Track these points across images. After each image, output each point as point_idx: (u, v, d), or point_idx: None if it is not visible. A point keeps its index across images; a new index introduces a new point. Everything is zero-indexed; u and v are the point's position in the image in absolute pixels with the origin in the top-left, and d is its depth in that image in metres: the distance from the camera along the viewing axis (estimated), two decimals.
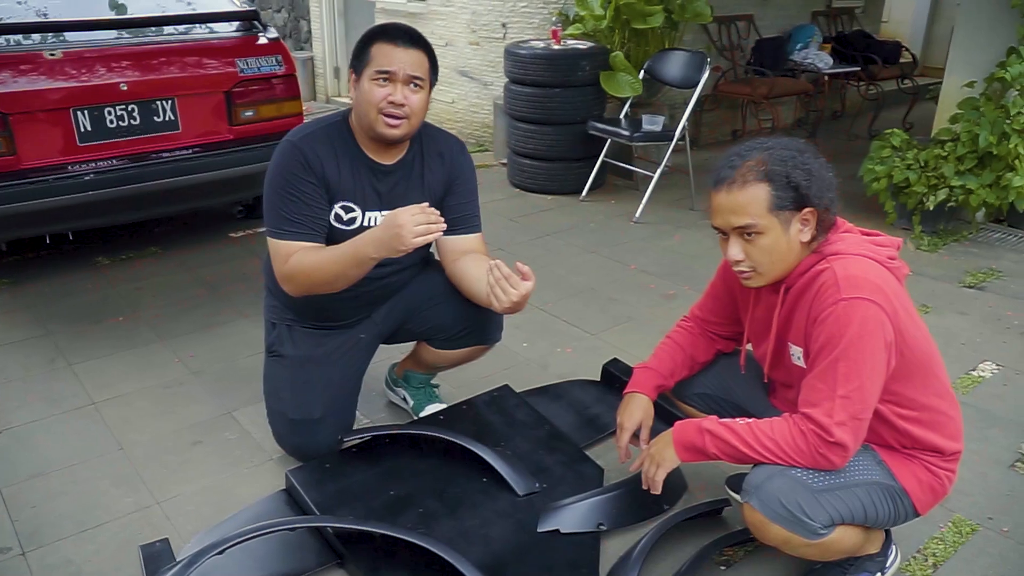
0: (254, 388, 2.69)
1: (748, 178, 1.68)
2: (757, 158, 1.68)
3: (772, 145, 1.70)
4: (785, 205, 1.67)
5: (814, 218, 1.69)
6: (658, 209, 4.69)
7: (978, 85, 4.14)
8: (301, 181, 2.10)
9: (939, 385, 1.78)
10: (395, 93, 2.06)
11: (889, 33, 8.48)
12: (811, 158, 1.69)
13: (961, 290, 3.70)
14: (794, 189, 1.66)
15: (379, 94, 2.06)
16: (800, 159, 1.68)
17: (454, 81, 6.34)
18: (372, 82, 2.07)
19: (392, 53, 2.06)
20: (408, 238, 1.90)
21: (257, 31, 3.73)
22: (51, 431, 2.55)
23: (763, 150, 1.69)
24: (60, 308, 3.39)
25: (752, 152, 1.70)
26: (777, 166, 1.66)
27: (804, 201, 1.67)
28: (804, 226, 1.70)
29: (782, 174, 1.66)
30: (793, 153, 1.69)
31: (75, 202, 3.21)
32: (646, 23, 4.81)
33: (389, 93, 2.06)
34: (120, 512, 2.19)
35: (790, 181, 1.66)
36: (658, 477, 1.82)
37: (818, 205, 1.68)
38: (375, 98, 2.06)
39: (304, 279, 2.09)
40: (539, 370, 2.95)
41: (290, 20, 8.85)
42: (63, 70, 3.21)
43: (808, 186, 1.66)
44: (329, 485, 2.13)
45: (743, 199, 1.68)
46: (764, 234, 1.69)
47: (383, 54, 2.06)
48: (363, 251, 2.01)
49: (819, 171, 1.68)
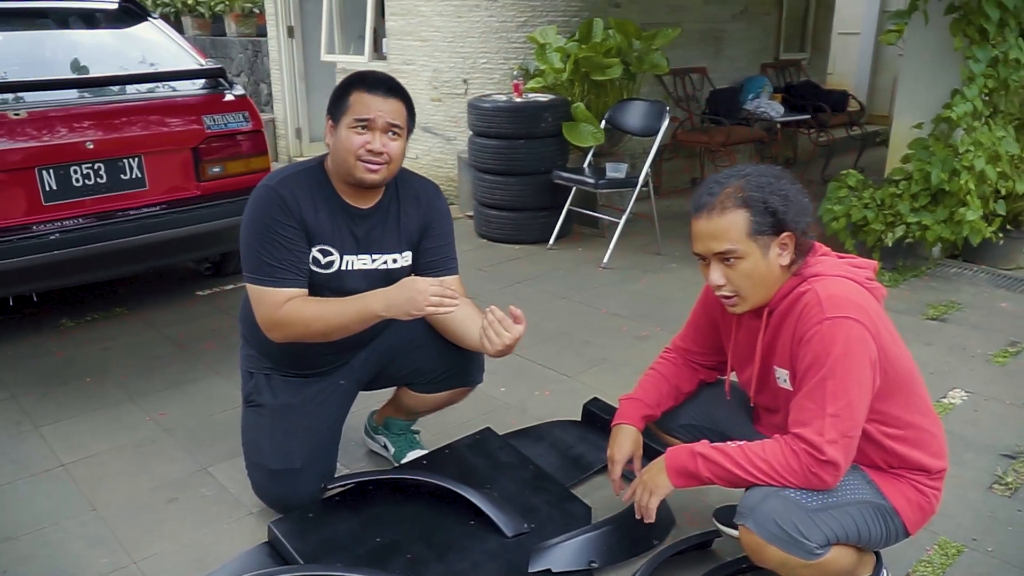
0: (229, 444, 2.64)
1: (727, 204, 1.72)
2: (735, 185, 1.73)
3: (749, 172, 1.75)
4: (763, 230, 1.71)
5: (792, 242, 1.74)
6: (625, 255, 4.75)
7: (926, 126, 4.30)
8: (281, 225, 2.09)
9: (921, 403, 1.81)
10: (373, 141, 2.07)
11: (835, 84, 8.80)
12: (787, 184, 1.74)
13: (924, 322, 3.79)
14: (772, 214, 1.70)
15: (357, 141, 2.07)
16: (777, 185, 1.72)
17: (418, 137, 6.41)
18: (350, 130, 2.08)
19: (371, 102, 2.07)
20: (422, 304, 1.94)
21: (223, 88, 3.75)
22: (19, 494, 2.46)
23: (740, 177, 1.74)
24: (24, 371, 3.30)
25: (730, 179, 1.74)
26: (755, 192, 1.71)
27: (782, 226, 1.72)
28: (783, 250, 1.74)
29: (760, 200, 1.70)
30: (770, 179, 1.73)
31: (40, 262, 3.15)
32: (605, 75, 4.94)
33: (367, 141, 2.07)
34: (96, 573, 2.11)
35: (767, 206, 1.70)
36: (651, 504, 1.81)
37: (795, 229, 1.72)
38: (353, 145, 2.07)
39: (300, 328, 2.07)
40: (518, 413, 2.94)
41: (250, 83, 8.92)
42: (27, 130, 3.18)
43: (785, 211, 1.70)
44: (313, 535, 2.08)
45: (723, 225, 1.72)
46: (744, 259, 1.73)
47: (362, 103, 2.07)
48: (371, 308, 2.02)
49: (795, 196, 1.73)
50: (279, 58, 7.76)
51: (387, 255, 2.27)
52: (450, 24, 5.94)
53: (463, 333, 2.16)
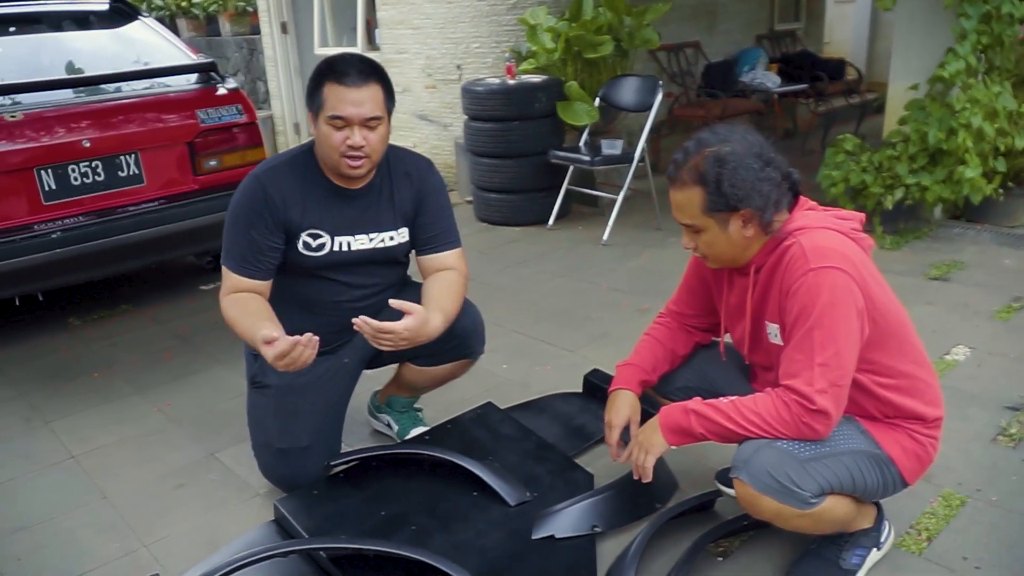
0: (235, 430, 2.67)
1: (685, 179, 1.74)
2: (697, 158, 1.72)
3: (714, 141, 1.73)
4: (719, 208, 1.72)
5: (754, 218, 1.72)
6: (624, 231, 4.75)
7: (922, 87, 4.28)
8: (257, 216, 2.14)
9: (914, 352, 1.81)
10: (353, 136, 2.07)
11: (833, 52, 8.74)
12: (752, 159, 1.70)
13: (927, 282, 3.78)
14: (724, 195, 1.69)
15: (337, 138, 2.08)
16: (738, 161, 1.69)
17: (414, 125, 6.42)
18: (328, 126, 2.08)
19: (344, 95, 2.05)
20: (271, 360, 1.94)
21: (216, 82, 3.77)
22: (32, 486, 2.50)
23: (707, 147, 1.72)
24: (33, 369, 3.34)
25: (699, 148, 1.73)
26: (712, 169, 1.69)
27: (736, 205, 1.70)
28: (745, 223, 1.73)
29: (714, 178, 1.69)
30: (730, 153, 1.70)
31: (42, 261, 3.18)
32: (597, 52, 4.93)
33: (347, 136, 2.07)
34: (107, 558, 2.14)
35: (720, 187, 1.69)
36: (647, 463, 1.83)
37: (751, 207, 1.70)
38: (334, 142, 2.08)
39: (226, 319, 2.14)
40: (521, 389, 2.96)
41: (247, 82, 8.94)
42: (24, 131, 3.21)
43: (736, 192, 1.68)
44: (319, 511, 2.11)
45: (682, 200, 1.76)
46: (704, 231, 1.76)
47: (335, 96, 2.06)
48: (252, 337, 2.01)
49: (753, 175, 1.69)
50: (274, 55, 7.78)
51: (383, 233, 2.29)
52: (440, 10, 5.93)
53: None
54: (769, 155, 1.74)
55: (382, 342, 2.00)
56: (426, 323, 2.05)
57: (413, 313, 2.01)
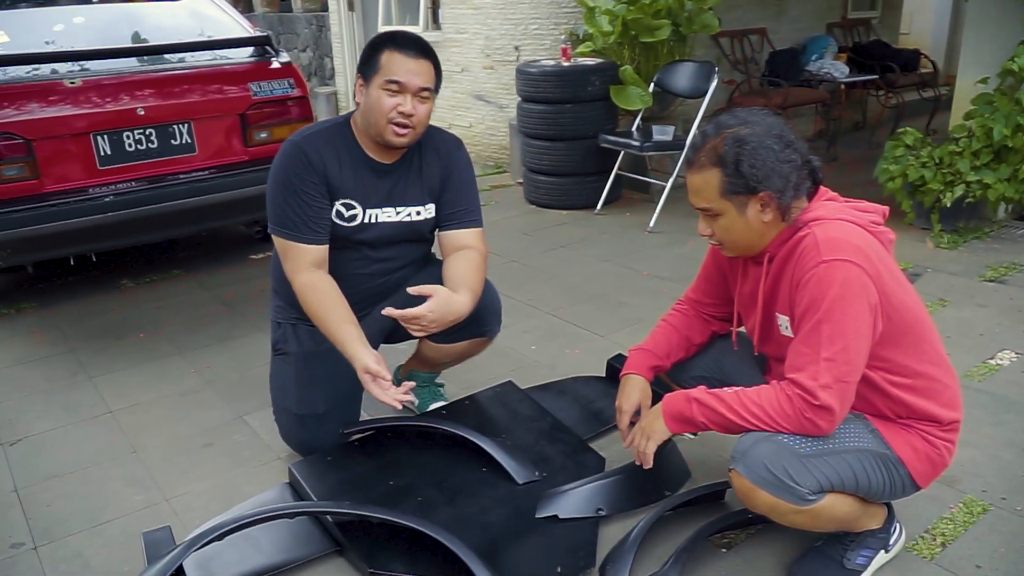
0: (265, 394, 2.72)
1: (703, 162, 1.70)
2: (716, 140, 1.69)
3: (734, 123, 1.70)
4: (737, 190, 1.68)
5: (773, 201, 1.68)
6: (673, 218, 4.69)
7: (991, 81, 4.11)
8: (304, 181, 2.18)
9: (932, 352, 1.75)
10: (405, 104, 2.12)
11: (911, 44, 8.44)
12: (771, 140, 1.66)
13: (981, 284, 3.64)
14: (743, 176, 1.66)
15: (389, 103, 2.12)
16: (758, 142, 1.65)
17: (471, 105, 6.44)
18: (382, 91, 2.12)
19: (403, 63, 2.11)
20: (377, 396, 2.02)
21: (270, 56, 3.85)
22: (68, 437, 2.62)
23: (724, 129, 1.69)
24: (84, 327, 3.49)
25: (719, 131, 1.70)
26: (730, 149, 1.66)
27: (755, 187, 1.67)
28: (764, 208, 1.70)
29: (732, 159, 1.66)
30: (750, 134, 1.66)
31: (95, 223, 3.32)
32: (654, 36, 4.86)
33: (399, 103, 2.12)
34: (129, 509, 2.24)
35: (739, 168, 1.66)
36: (648, 450, 1.82)
37: (771, 189, 1.66)
38: (385, 107, 2.12)
39: (303, 303, 2.19)
40: (547, 370, 2.96)
41: (315, 59, 9.09)
42: (83, 97, 3.34)
43: (755, 174, 1.65)
44: (331, 476, 2.16)
45: (699, 183, 1.72)
46: (722, 215, 1.73)
47: (394, 63, 2.11)
48: (346, 353, 2.08)
49: (774, 156, 1.65)
50: (340, 31, 7.89)
51: (411, 207, 2.32)
52: None
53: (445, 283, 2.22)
54: (789, 138, 1.70)
55: (412, 329, 2.06)
56: (450, 302, 2.07)
57: (433, 295, 2.04)
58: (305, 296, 2.17)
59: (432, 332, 2.11)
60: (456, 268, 2.26)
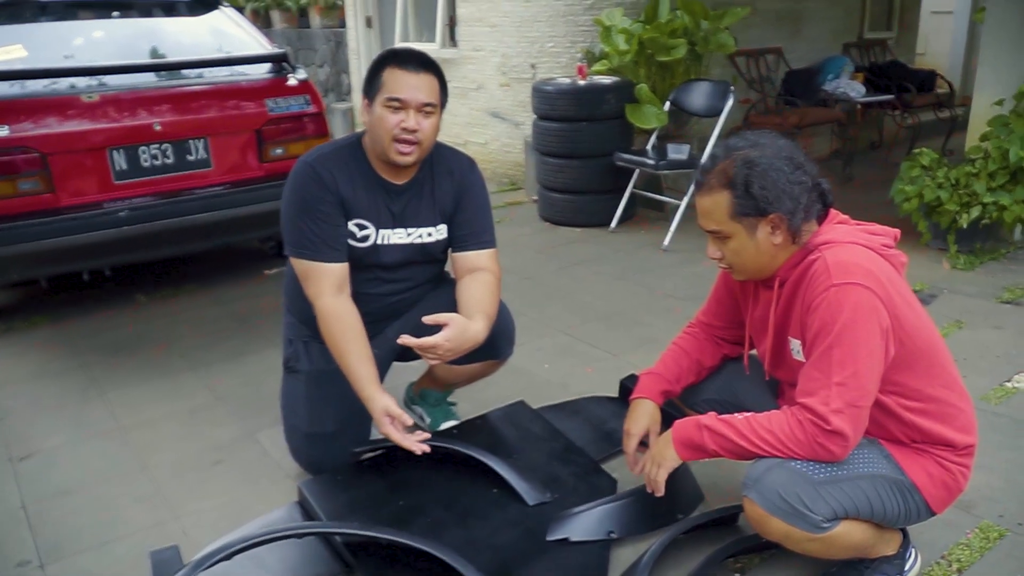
0: (276, 412, 2.71)
1: (713, 184, 1.69)
2: (726, 162, 1.68)
3: (744, 146, 1.69)
4: (747, 212, 1.67)
5: (784, 223, 1.67)
6: (688, 237, 4.67)
7: (1007, 103, 4.08)
8: (320, 200, 2.17)
9: (946, 376, 1.73)
10: (408, 119, 2.11)
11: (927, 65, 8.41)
12: (781, 163, 1.66)
13: (998, 306, 3.60)
14: (753, 197, 1.65)
15: (392, 120, 2.11)
16: (768, 163, 1.65)
17: (487, 123, 6.46)
18: (385, 108, 2.11)
19: (404, 79, 2.10)
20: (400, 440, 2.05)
21: (286, 72, 3.88)
22: (78, 453, 2.62)
23: (736, 151, 1.69)
24: (97, 342, 3.50)
25: (729, 153, 1.70)
26: (741, 171, 1.65)
27: (766, 209, 1.66)
28: (774, 230, 1.69)
29: (742, 181, 1.65)
30: (760, 156, 1.66)
31: (110, 238, 3.34)
32: (670, 55, 4.86)
33: (402, 119, 2.10)
34: (138, 527, 2.23)
35: (748, 189, 1.65)
36: (659, 477, 1.80)
37: (781, 210, 1.66)
38: (388, 124, 2.11)
39: (323, 330, 2.17)
40: (559, 389, 2.94)
41: (332, 75, 9.16)
42: (100, 112, 3.37)
43: (766, 195, 1.64)
44: (340, 496, 2.15)
45: (709, 205, 1.71)
46: (731, 238, 1.72)
47: (395, 80, 2.11)
48: (361, 394, 2.10)
49: (784, 177, 1.64)
50: (358, 48, 7.94)
51: (422, 228, 2.31)
52: (518, 9, 5.96)
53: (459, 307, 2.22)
54: (800, 159, 1.69)
55: (427, 357, 2.06)
56: (466, 330, 2.07)
57: (449, 324, 2.03)
58: (327, 324, 2.15)
59: (448, 360, 2.10)
60: (471, 292, 2.25)
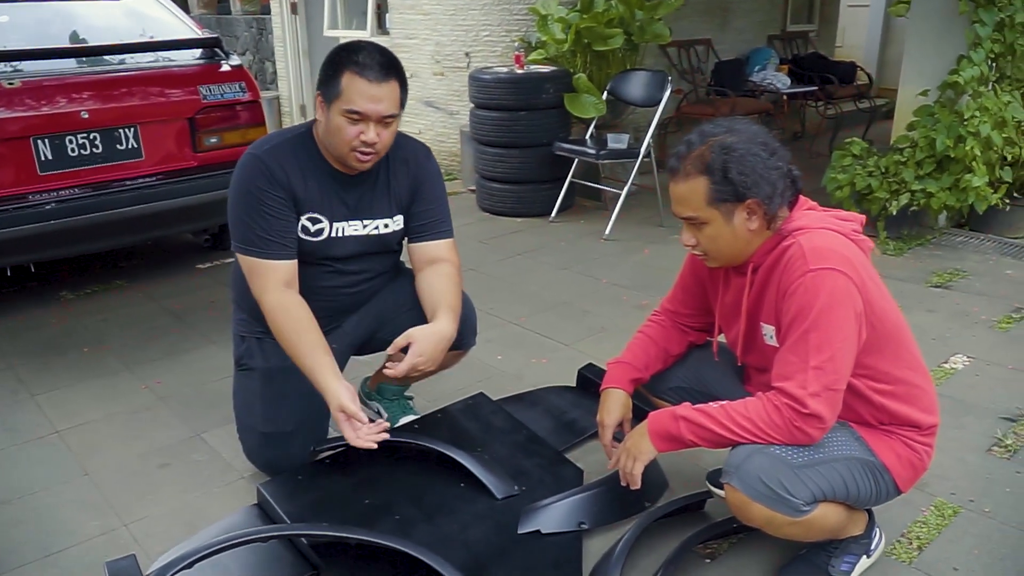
0: (223, 411, 2.64)
1: (689, 170, 1.69)
2: (702, 148, 1.68)
3: (719, 132, 1.70)
4: (725, 198, 1.68)
5: (760, 208, 1.68)
6: (627, 227, 4.71)
7: (932, 93, 4.24)
8: (268, 195, 2.07)
9: (911, 358, 1.78)
10: (367, 132, 2.00)
11: (844, 56, 8.68)
12: (759, 148, 1.67)
13: (928, 290, 3.74)
14: (731, 183, 1.66)
15: (351, 132, 2.00)
16: (745, 149, 1.65)
17: (420, 112, 6.38)
18: (343, 117, 1.99)
19: (365, 90, 1.97)
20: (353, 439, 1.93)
21: (220, 58, 3.73)
22: (14, 460, 2.47)
23: (711, 137, 1.69)
24: (22, 342, 3.31)
25: (704, 139, 1.70)
26: (719, 157, 1.66)
27: (744, 194, 1.66)
28: (750, 215, 1.69)
29: (720, 167, 1.65)
30: (740, 143, 1.66)
31: (36, 232, 3.15)
32: (607, 45, 4.88)
33: (361, 131, 2.00)
34: (85, 536, 2.11)
35: (727, 175, 1.65)
36: (635, 471, 1.80)
37: (759, 196, 1.66)
38: (347, 136, 2.01)
39: (272, 326, 2.07)
40: (514, 381, 2.92)
41: (255, 62, 8.89)
42: (22, 99, 3.17)
43: (744, 180, 1.64)
44: (302, 496, 2.07)
45: (684, 191, 1.71)
46: (708, 224, 1.72)
47: (355, 90, 1.97)
48: (319, 385, 1.98)
49: (761, 162, 1.66)
50: (283, 35, 7.72)
51: (378, 220, 2.25)
52: None
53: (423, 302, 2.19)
54: (774, 145, 1.71)
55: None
56: (432, 337, 2.03)
57: (412, 342, 2.00)
58: (275, 319, 2.05)
59: (432, 368, 2.07)
60: (433, 286, 2.20)
